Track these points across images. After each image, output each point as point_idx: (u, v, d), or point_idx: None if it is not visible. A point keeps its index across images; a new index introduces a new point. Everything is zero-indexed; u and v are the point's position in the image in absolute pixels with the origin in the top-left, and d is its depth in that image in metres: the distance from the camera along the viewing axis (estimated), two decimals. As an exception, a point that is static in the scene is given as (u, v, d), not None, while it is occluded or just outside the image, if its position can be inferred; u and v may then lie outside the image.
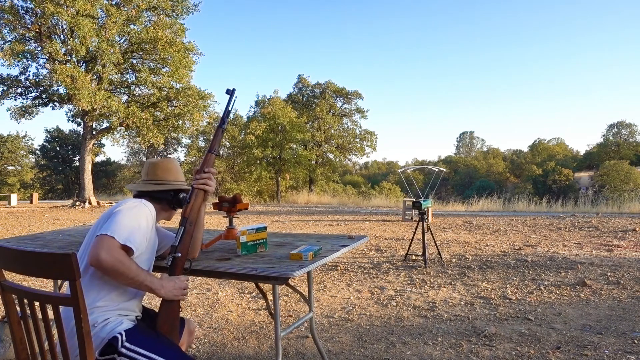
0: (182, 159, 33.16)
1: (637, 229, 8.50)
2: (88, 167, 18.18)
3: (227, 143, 31.56)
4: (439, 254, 5.99)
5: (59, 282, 2.62)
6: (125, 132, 20.18)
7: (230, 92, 1.88)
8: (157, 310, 1.90)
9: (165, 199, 1.89)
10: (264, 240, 2.09)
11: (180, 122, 19.09)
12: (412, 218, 11.15)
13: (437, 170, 8.30)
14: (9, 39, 16.72)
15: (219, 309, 3.95)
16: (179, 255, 1.73)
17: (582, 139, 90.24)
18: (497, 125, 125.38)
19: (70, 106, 18.80)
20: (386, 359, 2.85)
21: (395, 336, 3.23)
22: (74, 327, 1.33)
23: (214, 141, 1.87)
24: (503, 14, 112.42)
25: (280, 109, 27.39)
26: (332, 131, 33.11)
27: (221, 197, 2.34)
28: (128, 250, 1.55)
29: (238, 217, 2.33)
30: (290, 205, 19.92)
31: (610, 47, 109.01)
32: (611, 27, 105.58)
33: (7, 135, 35.59)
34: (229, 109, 1.87)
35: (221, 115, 1.89)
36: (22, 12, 16.64)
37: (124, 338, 1.55)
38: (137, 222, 1.61)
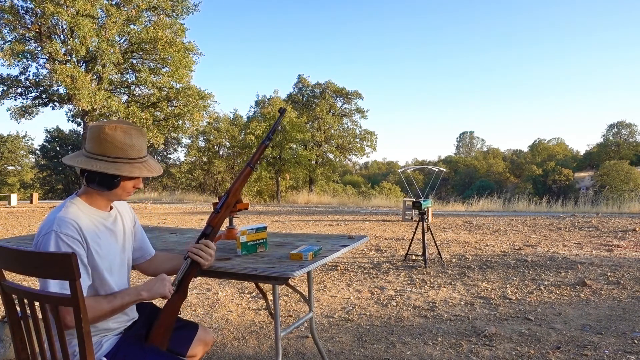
0: (182, 159, 33.20)
1: (637, 229, 8.50)
2: (88, 167, 18.16)
3: (227, 143, 31.59)
4: (439, 254, 5.99)
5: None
6: (125, 132, 20.17)
7: (282, 111, 1.97)
8: (153, 304, 1.90)
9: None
10: (264, 240, 2.08)
11: (180, 122, 19.13)
12: (412, 218, 11.15)
13: (437, 170, 8.29)
14: (9, 39, 16.76)
15: (219, 309, 3.95)
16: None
17: (582, 139, 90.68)
18: (497, 125, 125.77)
19: (70, 106, 18.81)
20: (386, 359, 2.84)
21: (395, 336, 3.22)
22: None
23: (254, 155, 1.87)
24: (503, 14, 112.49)
25: (281, 109, 27.42)
26: (332, 131, 33.14)
27: (221, 197, 2.33)
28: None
29: (238, 217, 2.33)
30: (290, 205, 19.91)
31: (611, 47, 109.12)
32: (611, 27, 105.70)
33: (7, 135, 35.64)
34: (276, 126, 1.89)
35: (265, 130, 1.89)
36: (22, 12, 16.66)
37: None
38: None
